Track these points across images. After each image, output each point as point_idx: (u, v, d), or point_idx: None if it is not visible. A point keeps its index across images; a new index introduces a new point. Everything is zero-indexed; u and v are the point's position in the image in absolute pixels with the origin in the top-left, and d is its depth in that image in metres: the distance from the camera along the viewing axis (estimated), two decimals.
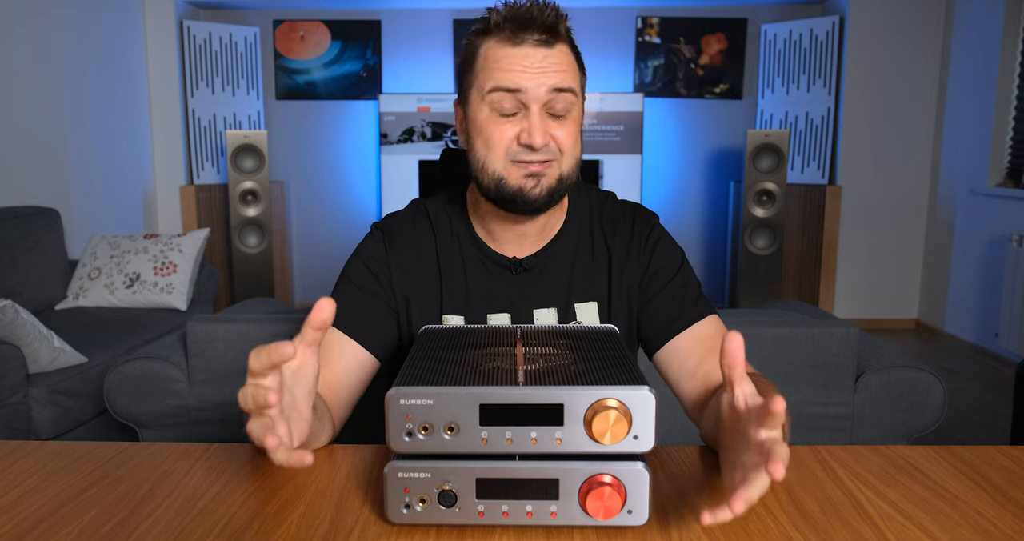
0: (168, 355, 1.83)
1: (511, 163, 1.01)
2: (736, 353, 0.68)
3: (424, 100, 4.84)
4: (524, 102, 0.99)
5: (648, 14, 4.96)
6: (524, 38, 0.99)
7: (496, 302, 1.10)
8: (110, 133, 4.16)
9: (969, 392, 3.49)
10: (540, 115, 0.99)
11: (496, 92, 0.99)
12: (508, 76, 0.98)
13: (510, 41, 0.99)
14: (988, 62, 4.11)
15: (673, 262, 1.13)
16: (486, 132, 1.01)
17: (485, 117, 1.01)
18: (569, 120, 1.02)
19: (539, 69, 0.99)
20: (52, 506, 0.75)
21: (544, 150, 1.00)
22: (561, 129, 1.01)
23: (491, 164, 1.01)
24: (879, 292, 4.81)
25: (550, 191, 1.02)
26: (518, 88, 0.98)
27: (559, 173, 1.02)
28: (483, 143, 1.02)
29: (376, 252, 1.11)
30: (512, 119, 1.00)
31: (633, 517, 0.69)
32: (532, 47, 0.99)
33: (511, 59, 0.99)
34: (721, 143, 5.10)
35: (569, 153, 1.03)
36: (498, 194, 1.02)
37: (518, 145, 1.00)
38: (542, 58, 0.99)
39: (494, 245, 1.11)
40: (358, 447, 0.90)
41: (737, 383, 0.69)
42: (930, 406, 1.75)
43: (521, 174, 1.01)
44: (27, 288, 3.02)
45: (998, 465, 0.85)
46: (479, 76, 1.01)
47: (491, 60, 1.00)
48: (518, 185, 1.01)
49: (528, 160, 1.00)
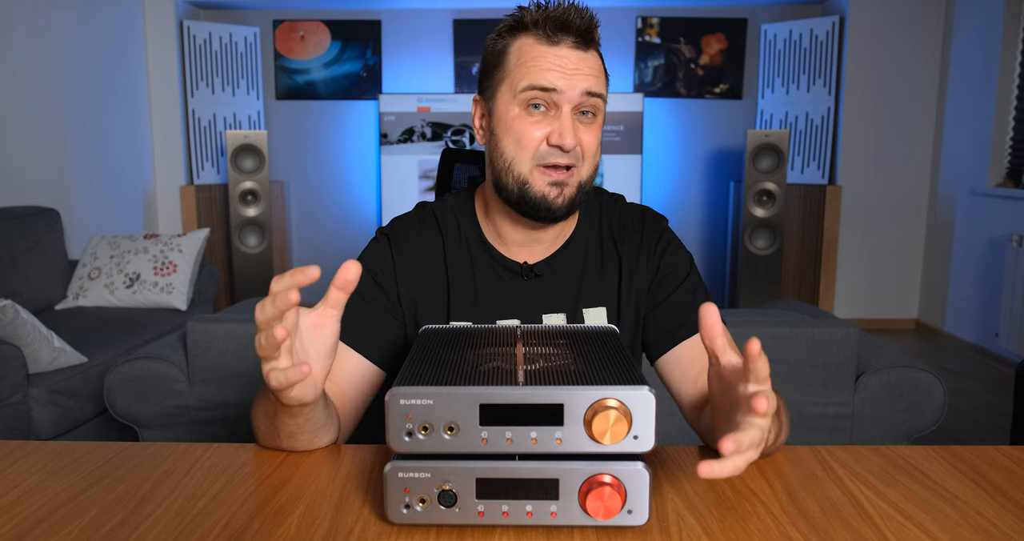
0: (168, 355, 1.83)
1: (537, 168, 1.00)
2: (713, 325, 0.70)
3: (424, 100, 4.84)
4: (557, 102, 0.98)
5: (648, 14, 4.96)
6: (561, 39, 0.98)
7: (505, 307, 1.09)
8: (110, 133, 4.16)
9: (969, 392, 3.49)
10: (571, 117, 0.99)
11: (530, 90, 0.98)
12: (545, 75, 0.98)
13: (547, 40, 0.99)
14: (988, 62, 4.11)
15: (682, 267, 1.12)
16: (515, 130, 1.00)
17: (515, 115, 1.00)
18: (595, 124, 1.02)
19: (574, 70, 0.98)
20: (52, 506, 0.75)
21: (571, 153, 0.99)
22: (588, 133, 1.01)
23: (518, 165, 1.00)
24: (879, 292, 4.81)
25: (571, 200, 1.02)
26: (554, 88, 0.98)
27: (579, 180, 1.02)
28: (513, 141, 1.00)
29: (382, 260, 1.09)
30: (543, 119, 0.99)
31: (633, 517, 0.69)
32: (569, 48, 0.99)
33: (547, 58, 0.98)
34: (721, 143, 5.10)
35: (590, 159, 1.02)
36: (520, 198, 1.01)
37: (548, 145, 0.99)
38: (577, 60, 0.99)
39: (504, 250, 1.10)
40: (358, 447, 0.90)
41: (721, 353, 0.72)
42: (930, 406, 1.75)
43: (546, 182, 1.00)
44: (27, 288, 3.02)
45: (998, 465, 0.85)
46: (512, 73, 1.00)
47: (527, 57, 0.99)
48: (542, 193, 1.00)
49: (555, 163, 0.99)
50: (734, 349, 0.74)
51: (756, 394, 0.62)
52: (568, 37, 0.98)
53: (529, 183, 1.00)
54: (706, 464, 0.61)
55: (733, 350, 0.73)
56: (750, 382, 0.67)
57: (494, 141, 1.03)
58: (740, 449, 0.62)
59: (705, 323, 0.70)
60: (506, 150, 1.01)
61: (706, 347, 0.72)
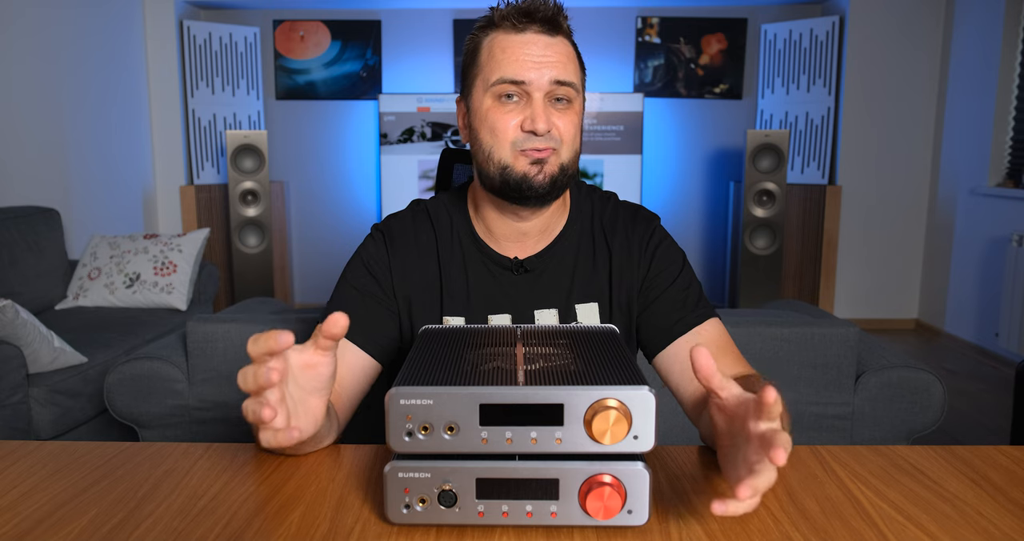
0: (168, 355, 1.83)
1: (517, 152, 1.02)
2: (706, 366, 0.69)
3: (424, 100, 4.84)
4: (528, 91, 1.01)
5: (648, 14, 4.96)
6: (527, 26, 1.02)
7: (497, 302, 1.10)
8: (110, 133, 4.16)
9: (969, 392, 3.49)
10: (543, 102, 1.01)
11: (501, 83, 1.01)
12: (513, 66, 1.00)
13: (514, 29, 1.02)
14: (988, 62, 4.11)
15: (675, 265, 1.13)
16: (490, 120, 1.03)
17: (489, 107, 1.03)
18: (571, 111, 1.04)
19: (542, 58, 1.01)
20: (52, 506, 0.75)
21: (547, 137, 1.01)
22: (563, 118, 1.03)
23: (497, 152, 1.03)
24: (879, 292, 4.81)
25: (552, 178, 1.03)
26: (522, 80, 1.00)
27: (560, 161, 1.03)
28: (488, 132, 1.03)
29: (376, 254, 1.12)
30: (516, 108, 1.02)
31: (633, 517, 0.69)
32: (535, 34, 1.02)
33: (515, 48, 1.01)
34: (721, 143, 5.10)
35: (569, 143, 1.04)
36: (503, 182, 1.03)
37: (522, 132, 1.02)
38: (544, 47, 1.01)
39: (495, 245, 1.12)
40: (358, 447, 0.89)
41: (720, 390, 0.71)
42: (930, 406, 1.75)
43: (527, 161, 1.02)
44: (27, 288, 3.02)
45: (998, 465, 0.85)
46: (484, 68, 1.04)
47: (496, 50, 1.02)
48: (523, 171, 1.02)
49: (533, 147, 1.01)
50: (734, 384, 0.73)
51: (776, 448, 0.59)
52: (533, 23, 1.02)
53: (510, 166, 1.02)
54: (719, 504, 0.61)
55: (729, 382, 0.72)
56: (762, 420, 0.65)
57: (474, 135, 1.06)
58: (755, 494, 0.61)
59: (698, 365, 0.69)
60: (484, 141, 1.04)
61: (705, 387, 0.71)
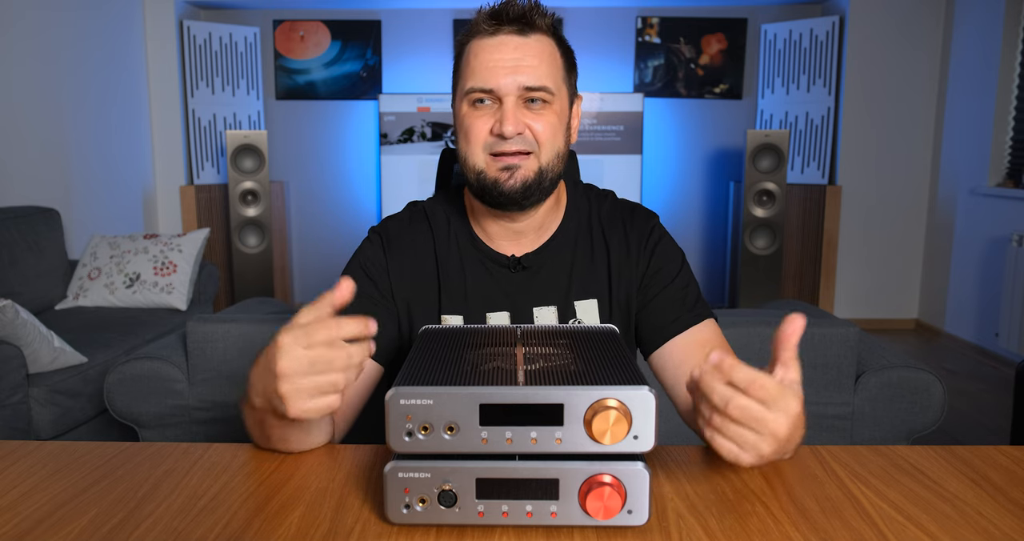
0: (168, 355, 1.83)
1: (489, 156, 1.03)
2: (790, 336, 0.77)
3: (424, 100, 4.83)
4: (499, 96, 1.01)
5: (648, 14, 4.96)
6: (498, 29, 1.02)
7: (495, 301, 1.10)
8: (110, 133, 4.16)
9: (969, 392, 3.49)
10: (515, 105, 1.01)
11: (473, 92, 1.02)
12: (483, 74, 1.01)
13: (487, 33, 1.02)
14: (988, 62, 4.11)
15: (674, 263, 1.13)
16: (465, 125, 1.04)
17: (464, 112, 1.04)
18: (547, 111, 1.03)
19: (514, 61, 1.00)
20: (52, 506, 0.75)
21: (518, 140, 1.01)
22: (538, 121, 1.02)
23: (471, 157, 1.03)
24: (879, 292, 4.81)
25: (525, 183, 1.02)
26: (490, 88, 1.01)
27: (537, 165, 1.03)
28: (463, 137, 1.04)
29: (374, 257, 1.12)
30: (487, 112, 1.02)
31: (633, 517, 0.69)
32: (507, 36, 1.02)
33: (486, 53, 1.01)
34: (721, 143, 5.10)
35: (547, 145, 1.03)
36: (480, 187, 1.04)
37: (492, 136, 1.02)
38: (515, 49, 1.01)
39: (492, 244, 1.12)
40: (358, 447, 0.90)
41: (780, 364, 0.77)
42: (930, 406, 1.75)
43: (497, 167, 1.02)
44: (27, 288, 3.02)
45: (998, 465, 0.85)
46: (462, 75, 1.05)
47: (470, 57, 1.03)
48: (494, 177, 1.02)
49: (502, 151, 1.01)
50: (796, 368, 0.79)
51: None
52: (504, 25, 1.02)
53: (484, 171, 1.03)
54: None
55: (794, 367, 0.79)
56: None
57: (457, 141, 1.07)
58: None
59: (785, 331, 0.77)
60: (461, 146, 1.05)
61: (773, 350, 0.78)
